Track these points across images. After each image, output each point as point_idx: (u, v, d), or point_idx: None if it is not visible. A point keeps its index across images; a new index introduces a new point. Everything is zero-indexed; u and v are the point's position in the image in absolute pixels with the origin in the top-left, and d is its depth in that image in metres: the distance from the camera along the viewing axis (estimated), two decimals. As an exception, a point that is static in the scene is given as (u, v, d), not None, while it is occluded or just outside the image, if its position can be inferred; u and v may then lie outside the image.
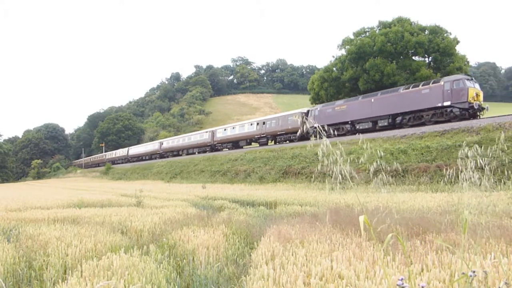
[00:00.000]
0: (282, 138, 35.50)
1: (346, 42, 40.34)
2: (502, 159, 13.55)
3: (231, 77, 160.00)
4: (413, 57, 37.69)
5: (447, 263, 3.16)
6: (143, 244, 5.53)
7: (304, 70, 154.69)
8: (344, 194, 13.64)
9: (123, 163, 66.02)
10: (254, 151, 32.38)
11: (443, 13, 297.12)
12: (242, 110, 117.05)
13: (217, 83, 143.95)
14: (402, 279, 2.03)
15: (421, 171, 17.08)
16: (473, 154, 3.13)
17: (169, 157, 52.19)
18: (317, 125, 2.64)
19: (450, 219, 5.25)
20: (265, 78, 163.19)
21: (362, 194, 12.99)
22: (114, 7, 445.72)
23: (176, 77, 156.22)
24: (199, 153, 46.10)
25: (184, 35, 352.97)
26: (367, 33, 40.38)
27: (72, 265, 4.38)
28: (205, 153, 44.96)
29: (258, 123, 38.72)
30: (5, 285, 3.95)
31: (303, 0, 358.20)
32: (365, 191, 14.82)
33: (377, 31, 39.29)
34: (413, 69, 35.26)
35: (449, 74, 35.66)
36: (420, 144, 19.36)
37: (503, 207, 6.04)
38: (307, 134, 32.00)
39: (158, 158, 55.90)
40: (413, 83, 34.66)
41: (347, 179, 2.38)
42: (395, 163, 3.47)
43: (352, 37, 41.12)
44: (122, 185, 32.86)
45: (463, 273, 2.11)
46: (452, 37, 36.91)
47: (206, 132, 47.82)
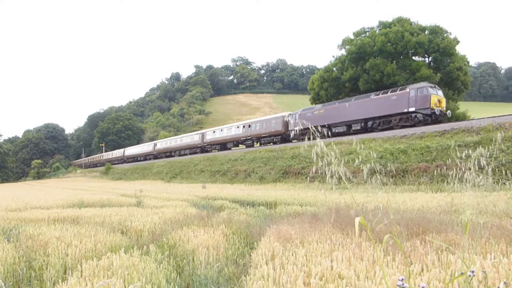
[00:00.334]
0: (266, 140, 36.48)
1: (346, 42, 40.31)
2: (501, 159, 13.53)
3: (231, 77, 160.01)
4: (413, 57, 37.64)
5: (447, 263, 3.17)
6: (143, 244, 5.53)
7: (304, 70, 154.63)
8: (344, 194, 13.65)
9: (119, 163, 66.77)
10: (254, 151, 32.36)
11: (443, 13, 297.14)
12: (242, 110, 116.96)
13: (217, 83, 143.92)
14: (402, 279, 2.03)
15: (421, 171, 17.07)
16: (476, 154, 3.13)
17: (162, 158, 53.16)
18: (310, 127, 2.61)
19: (450, 219, 5.25)
20: (265, 78, 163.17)
21: (362, 194, 12.99)
22: (114, 7, 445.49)
23: (176, 77, 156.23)
24: (190, 154, 47.04)
25: (184, 35, 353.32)
26: (367, 33, 40.34)
27: (72, 265, 4.38)
28: (196, 154, 45.98)
29: (244, 126, 39.82)
30: (5, 285, 3.94)
31: (303, 0, 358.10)
32: (365, 191, 14.83)
33: (377, 31, 39.26)
34: (413, 69, 35.22)
35: (449, 74, 35.64)
36: (420, 144, 19.35)
37: (503, 207, 6.04)
38: (289, 136, 33.68)
39: (152, 158, 56.99)
40: (413, 83, 34.69)
41: (343, 180, 2.38)
42: (389, 164, 3.46)
43: (352, 37, 41.08)
44: (122, 185, 32.84)
45: (462, 273, 2.10)
46: (452, 37, 36.87)
47: (196, 134, 49.13)
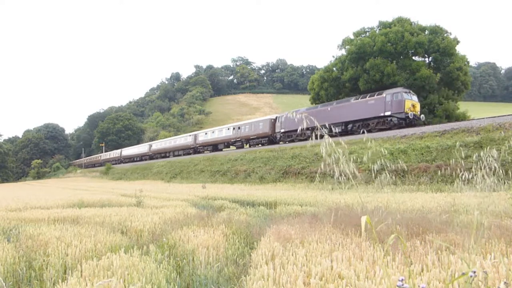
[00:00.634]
0: (254, 142, 37.70)
1: (346, 42, 40.29)
2: (502, 159, 13.50)
3: (231, 77, 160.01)
4: (413, 57, 37.62)
5: (447, 263, 3.16)
6: (143, 244, 5.53)
7: (304, 70, 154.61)
8: (344, 194, 13.64)
9: (116, 163, 67.44)
10: (254, 151, 32.35)
11: (443, 13, 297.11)
12: (242, 110, 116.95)
13: (217, 83, 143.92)
14: (402, 280, 2.03)
15: (421, 171, 17.07)
16: (485, 155, 3.13)
17: (158, 158, 54.36)
18: (317, 124, 2.62)
19: (450, 219, 5.25)
20: (265, 78, 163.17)
21: (362, 194, 12.98)
22: (114, 7, 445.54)
23: (176, 77, 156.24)
24: (184, 155, 48.15)
25: (184, 35, 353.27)
26: (367, 33, 40.32)
27: (72, 265, 4.38)
28: (189, 155, 47.03)
29: (234, 128, 41.26)
30: (5, 285, 3.95)
31: (303, 0, 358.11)
32: (365, 191, 14.81)
33: (377, 31, 39.24)
34: (413, 69, 35.22)
35: (449, 74, 35.63)
36: (420, 144, 19.35)
37: (503, 207, 6.04)
38: (275, 138, 34.78)
39: (148, 159, 58.23)
40: (413, 83, 34.74)
41: (349, 178, 2.37)
42: (401, 161, 3.43)
43: (352, 37, 41.06)
44: (122, 185, 32.84)
45: (463, 273, 2.10)
46: (452, 37, 36.85)
47: (189, 135, 50.56)
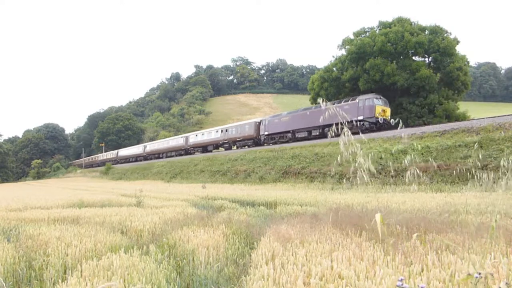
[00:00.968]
0: (240, 143, 38.89)
1: (346, 42, 40.29)
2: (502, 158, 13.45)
3: (231, 77, 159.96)
4: (413, 57, 37.63)
5: (447, 263, 3.16)
6: (143, 244, 5.53)
7: (304, 70, 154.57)
8: (344, 194, 13.64)
9: (113, 164, 68.07)
10: (254, 151, 32.34)
11: (443, 13, 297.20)
12: (242, 110, 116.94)
13: (217, 83, 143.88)
14: (402, 280, 2.03)
15: (421, 171, 17.05)
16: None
17: (152, 159, 55.76)
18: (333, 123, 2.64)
19: (450, 219, 5.25)
20: (265, 78, 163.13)
21: (362, 194, 12.98)
22: (114, 7, 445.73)
23: (176, 77, 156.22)
24: (176, 156, 49.47)
25: (184, 35, 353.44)
26: (367, 33, 40.32)
27: (72, 265, 4.37)
28: (181, 156, 48.24)
29: (222, 130, 42.54)
30: (5, 285, 3.95)
31: (303, 0, 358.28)
32: (365, 191, 14.82)
33: (377, 31, 39.25)
34: (413, 69, 35.23)
35: (449, 74, 35.66)
36: (420, 144, 19.35)
37: (503, 207, 6.03)
38: (260, 140, 35.95)
39: (142, 160, 59.81)
40: (413, 83, 34.78)
41: (364, 175, 2.37)
42: (431, 159, 3.39)
43: (352, 37, 41.07)
44: (122, 185, 32.83)
45: (469, 273, 2.10)
46: (452, 37, 36.87)
47: (181, 137, 52.11)
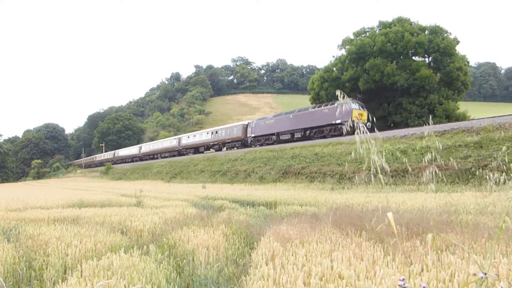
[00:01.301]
0: (229, 145, 40.11)
1: (346, 42, 40.30)
2: (502, 159, 13.50)
3: (231, 77, 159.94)
4: (413, 57, 37.64)
5: (447, 263, 3.16)
6: (143, 244, 5.53)
7: (304, 70, 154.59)
8: (344, 194, 13.64)
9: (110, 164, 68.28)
10: (254, 151, 32.35)
11: (443, 13, 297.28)
12: (242, 110, 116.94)
13: (217, 83, 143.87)
14: (403, 279, 2.03)
15: (421, 171, 17.05)
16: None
17: (147, 160, 57.32)
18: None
19: (450, 220, 5.25)
20: (265, 78, 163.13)
21: (362, 194, 12.99)
22: (114, 7, 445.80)
23: (176, 77, 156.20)
24: (169, 157, 50.80)
25: (184, 35, 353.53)
26: (367, 33, 40.33)
27: (72, 265, 4.37)
28: (174, 157, 49.35)
29: (212, 132, 43.90)
30: (5, 285, 3.95)
31: (303, 0, 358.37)
32: (365, 191, 14.81)
33: (377, 31, 39.25)
34: (413, 69, 35.23)
35: (449, 74, 35.65)
36: (420, 144, 19.35)
37: (503, 207, 6.03)
38: (247, 142, 37.22)
39: (138, 160, 61.43)
40: (413, 83, 34.77)
41: (378, 172, 2.37)
42: (451, 159, 3.38)
43: (352, 37, 41.08)
44: (122, 185, 32.83)
45: (474, 274, 2.11)
46: (452, 37, 36.88)
47: (174, 139, 53.93)
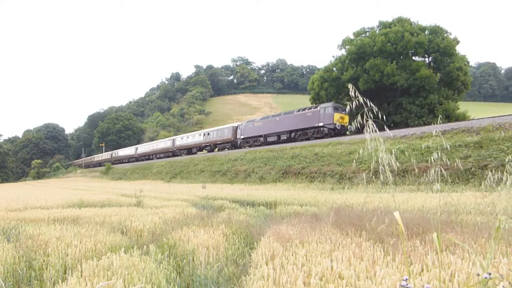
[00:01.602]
0: (220, 146, 41.46)
1: (346, 42, 40.27)
2: (502, 158, 13.51)
3: (231, 77, 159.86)
4: (413, 57, 37.60)
5: (447, 263, 3.16)
6: (143, 244, 5.53)
7: (304, 70, 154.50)
8: (344, 194, 13.64)
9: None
10: (254, 151, 32.36)
11: (443, 13, 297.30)
12: (242, 110, 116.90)
13: (217, 83, 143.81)
14: (406, 279, 2.03)
15: (421, 171, 17.05)
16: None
17: (143, 160, 58.83)
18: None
19: (450, 219, 5.25)
20: (265, 78, 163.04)
21: (362, 194, 12.98)
22: (114, 7, 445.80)
23: (176, 77, 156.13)
24: (164, 158, 51.97)
25: (184, 35, 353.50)
26: (367, 33, 40.29)
27: (72, 265, 4.37)
28: (168, 157, 50.47)
29: (204, 134, 45.32)
30: (5, 285, 3.94)
31: (303, 0, 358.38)
32: (365, 191, 14.81)
33: (377, 31, 39.22)
34: (413, 69, 35.20)
35: (449, 74, 35.59)
36: (420, 144, 19.34)
37: (503, 207, 6.03)
38: (237, 143, 38.41)
39: (134, 161, 63.27)
40: (413, 83, 34.75)
41: (386, 171, 2.35)
42: (457, 159, 3.36)
43: (352, 37, 41.04)
44: (122, 185, 32.83)
45: (478, 274, 2.11)
46: (452, 37, 36.83)
47: (168, 140, 55.64)
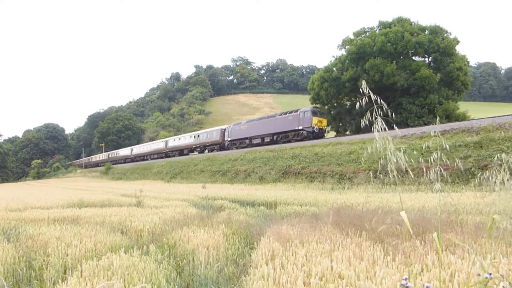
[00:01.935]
0: (209, 148, 43.07)
1: (346, 42, 40.26)
2: (502, 158, 13.45)
3: (231, 77, 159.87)
4: (413, 57, 37.58)
5: (447, 263, 3.16)
6: (143, 244, 5.53)
7: (304, 70, 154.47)
8: (344, 194, 13.64)
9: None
10: (254, 151, 32.36)
11: (443, 13, 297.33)
12: (242, 110, 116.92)
13: (217, 83, 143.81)
14: (406, 279, 2.03)
15: (421, 172, 17.05)
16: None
17: (138, 161, 60.15)
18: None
19: (450, 219, 5.25)
20: (265, 78, 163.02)
21: (362, 194, 12.99)
22: (114, 7, 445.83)
23: (176, 77, 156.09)
24: (158, 158, 53.38)
25: (184, 35, 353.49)
26: (367, 33, 40.27)
27: (72, 265, 4.38)
28: (162, 158, 51.55)
29: (195, 136, 46.80)
30: (5, 285, 3.95)
31: (303, 0, 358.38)
32: (365, 191, 14.81)
33: (377, 31, 39.20)
34: (413, 69, 35.18)
35: (449, 74, 35.53)
36: (420, 144, 19.34)
37: (502, 207, 6.03)
38: (224, 145, 39.86)
39: (129, 161, 64.44)
40: (413, 83, 34.74)
41: (393, 170, 2.23)
42: (457, 159, 3.35)
43: (352, 37, 41.03)
44: (122, 185, 32.83)
45: (478, 274, 2.11)
46: (452, 37, 36.80)
47: (162, 141, 57.29)
